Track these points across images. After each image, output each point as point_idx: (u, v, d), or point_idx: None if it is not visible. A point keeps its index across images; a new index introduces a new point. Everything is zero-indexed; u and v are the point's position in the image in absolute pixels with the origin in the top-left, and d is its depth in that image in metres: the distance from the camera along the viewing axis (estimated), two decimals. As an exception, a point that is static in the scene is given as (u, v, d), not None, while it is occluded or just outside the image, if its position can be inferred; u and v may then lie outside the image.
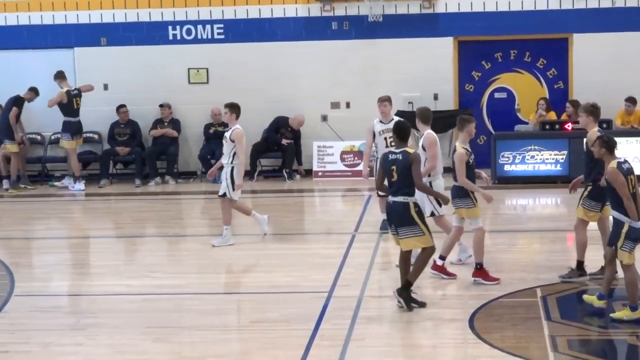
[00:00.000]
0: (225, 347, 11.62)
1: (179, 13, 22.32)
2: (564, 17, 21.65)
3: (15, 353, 11.82)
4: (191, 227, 18.69)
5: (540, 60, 22.24)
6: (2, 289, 14.33)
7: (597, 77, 21.55)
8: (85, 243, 16.45)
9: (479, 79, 22.41)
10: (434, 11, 21.90)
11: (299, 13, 22.15)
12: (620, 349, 11.35)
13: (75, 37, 22.53)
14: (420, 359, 11.13)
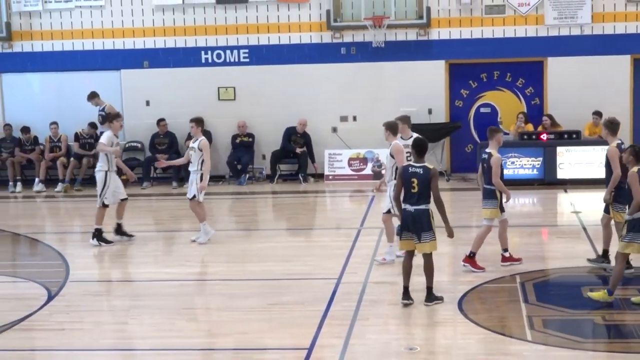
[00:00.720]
0: (248, 326, 11.67)
1: (210, 40, 22.36)
2: (540, 43, 21.65)
3: (70, 330, 11.90)
4: (220, 223, 18.69)
5: (520, 80, 22.23)
6: (59, 276, 14.38)
7: (568, 94, 21.55)
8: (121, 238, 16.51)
9: (467, 96, 22.40)
10: (429, 38, 21.90)
11: (312, 40, 22.17)
12: (586, 328, 11.38)
13: (121, 60, 22.58)
14: (416, 335, 11.16)
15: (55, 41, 22.75)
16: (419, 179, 11.61)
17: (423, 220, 11.62)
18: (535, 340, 10.88)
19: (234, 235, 17.57)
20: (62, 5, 22.57)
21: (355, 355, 10.51)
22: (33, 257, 16.41)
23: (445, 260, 14.68)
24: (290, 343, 10.98)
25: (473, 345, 10.80)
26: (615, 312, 11.88)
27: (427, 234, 11.68)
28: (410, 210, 11.71)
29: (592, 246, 15.16)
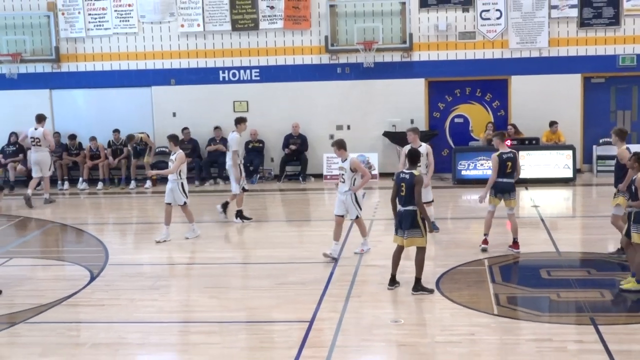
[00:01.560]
0: (259, 302, 11.69)
1: (226, 61, 22.33)
2: (504, 64, 21.62)
3: (109, 306, 11.93)
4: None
5: (488, 94, 22.22)
6: (100, 260, 14.40)
7: (528, 106, 21.54)
8: (157, 227, 16.52)
9: (443, 108, 22.38)
10: (411, 60, 21.88)
11: (313, 61, 22.15)
12: (544, 303, 11.39)
13: (152, 78, 22.55)
14: (400, 310, 11.16)
15: (96, 62, 22.74)
16: (406, 184, 11.60)
17: (409, 220, 11.57)
18: (500, 314, 10.91)
19: (246, 226, 17.58)
20: (102, 32, 22.57)
21: (349, 327, 10.52)
22: (78, 244, 16.42)
23: (427, 246, 14.69)
24: (294, 317, 10.99)
25: (448, 318, 10.83)
26: (568, 290, 11.89)
27: (413, 231, 11.59)
28: (401, 211, 11.71)
29: (548, 235, 15.18)
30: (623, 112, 21.94)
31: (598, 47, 21.43)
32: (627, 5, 21.15)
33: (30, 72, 22.92)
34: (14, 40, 22.83)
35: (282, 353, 9.70)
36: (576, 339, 9.89)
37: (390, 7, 21.81)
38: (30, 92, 22.87)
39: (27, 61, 22.80)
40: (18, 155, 22.53)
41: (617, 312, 11.03)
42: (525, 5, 21.41)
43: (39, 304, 11.94)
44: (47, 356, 9.95)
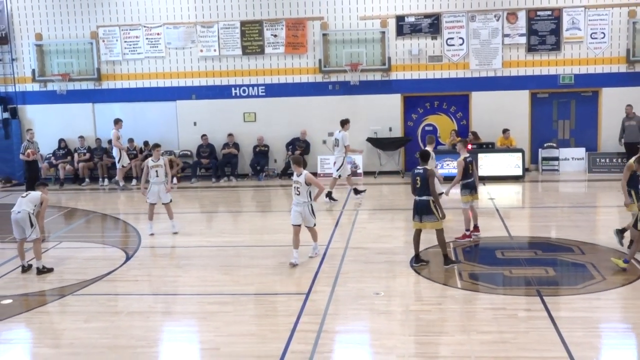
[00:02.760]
0: (265, 278, 11.70)
1: (238, 80, 22.25)
2: (466, 82, 21.60)
3: (141, 281, 11.95)
4: (245, 206, 18.69)
5: (452, 107, 22.22)
6: (134, 243, 14.40)
7: (485, 117, 21.54)
8: (182, 216, 16.49)
9: (416, 118, 22.38)
10: (389, 79, 21.86)
11: (309, 80, 22.11)
12: (498, 278, 11.40)
13: (176, 94, 22.49)
14: (381, 284, 11.14)
15: (131, 81, 22.68)
16: (421, 177, 11.75)
17: (425, 207, 11.74)
18: (463, 288, 10.93)
19: (254, 215, 17.56)
20: (135, 56, 22.51)
21: (339, 298, 10.52)
22: (116, 230, 16.40)
23: (402, 232, 14.68)
24: (294, 289, 11.01)
25: (420, 291, 10.86)
26: (518, 268, 11.90)
27: (429, 217, 11.77)
28: (417, 200, 11.86)
29: (502, 222, 15.19)
30: (563, 121, 21.96)
31: (542, 68, 21.44)
32: (566, 34, 21.17)
33: (76, 89, 22.85)
34: (64, 63, 22.80)
35: (283, 320, 9.71)
36: (525, 308, 9.91)
37: (372, 36, 21.77)
38: (77, 105, 22.83)
39: (74, 80, 22.75)
40: (67, 158, 22.48)
41: (559, 286, 11.04)
42: (482, 34, 21.40)
43: (84, 279, 11.95)
44: (90, 322, 9.95)
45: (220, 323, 9.73)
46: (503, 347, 8.54)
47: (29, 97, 23.05)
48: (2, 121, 22.87)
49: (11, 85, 23.00)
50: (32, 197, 12.69)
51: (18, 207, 12.52)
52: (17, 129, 22.86)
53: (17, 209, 12.50)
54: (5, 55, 22.90)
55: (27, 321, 10.23)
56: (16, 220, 12.46)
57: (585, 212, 16.39)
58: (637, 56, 21.03)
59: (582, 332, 8.95)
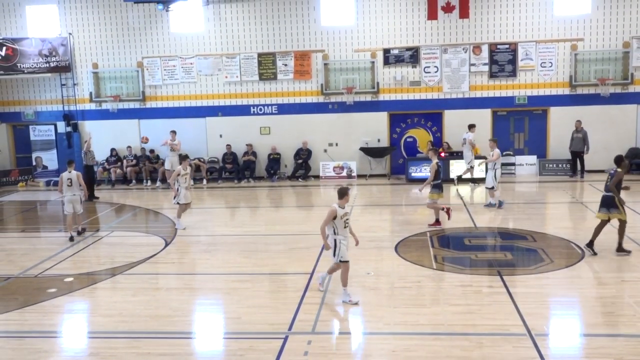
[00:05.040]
0: (278, 261, 11.69)
1: (255, 100, 22.22)
2: (440, 102, 21.56)
3: (178, 263, 11.94)
4: (261, 202, 18.66)
5: (429, 122, 22.17)
6: (171, 233, 14.39)
7: (456, 131, 21.46)
8: (211, 210, 16.50)
9: (399, 131, 22.30)
10: (378, 99, 21.82)
11: (313, 101, 22.03)
12: (466, 261, 11.38)
13: (206, 112, 22.45)
14: (370, 265, 11.13)
15: (169, 101, 22.66)
16: (610, 176, 11.21)
17: (611, 202, 11.00)
18: (438, 269, 10.91)
19: (269, 209, 17.54)
20: (173, 81, 22.47)
21: (338, 277, 10.48)
22: (157, 222, 16.35)
23: (388, 223, 14.66)
24: (301, 270, 10.99)
25: (403, 271, 10.82)
26: (483, 252, 11.88)
27: (615, 210, 11.00)
28: (604, 195, 11.17)
29: (469, 215, 15.16)
30: (519, 134, 21.88)
31: (502, 91, 21.38)
32: (521, 64, 21.12)
33: (125, 108, 22.83)
34: (115, 87, 22.78)
35: (292, 294, 9.69)
36: (488, 285, 9.89)
37: (364, 65, 21.73)
38: (125, 121, 22.79)
39: (124, 100, 22.72)
40: (117, 163, 22.47)
41: (515, 267, 11.02)
42: (453, 64, 21.36)
43: (131, 261, 11.94)
44: (136, 296, 9.94)
45: (241, 297, 9.72)
46: (470, 316, 8.52)
47: (87, 115, 23.03)
48: (66, 134, 22.88)
49: (73, 105, 23.01)
50: (75, 182, 14.19)
51: (71, 191, 14.06)
52: (77, 140, 22.86)
53: (72, 192, 14.07)
54: (69, 81, 22.91)
55: (85, 295, 10.23)
56: (72, 201, 14.05)
57: (536, 207, 16.37)
58: (578, 81, 20.98)
59: (534, 305, 8.93)
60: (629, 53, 20.62)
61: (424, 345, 7.70)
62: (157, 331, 8.50)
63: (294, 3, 21.68)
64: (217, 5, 21.97)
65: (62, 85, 22.88)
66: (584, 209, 15.62)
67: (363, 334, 8.30)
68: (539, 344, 7.60)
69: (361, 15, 21.51)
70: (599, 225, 11.39)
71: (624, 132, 20.97)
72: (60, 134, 23.00)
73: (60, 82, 22.88)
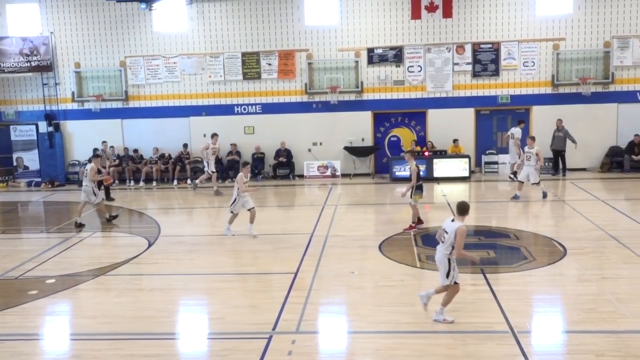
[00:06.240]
0: (262, 260, 11.65)
1: (239, 100, 22.13)
2: (424, 101, 21.62)
3: (161, 264, 11.86)
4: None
5: (412, 121, 22.23)
6: (155, 233, 14.31)
7: (439, 129, 21.61)
8: (195, 210, 16.42)
9: (384, 130, 22.36)
10: (362, 99, 21.85)
11: (297, 100, 22.02)
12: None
13: (190, 112, 22.33)
14: (355, 265, 11.15)
15: (152, 101, 22.51)
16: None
17: None
18: (421, 267, 10.95)
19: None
20: (156, 81, 22.35)
21: (322, 275, 10.51)
22: (140, 222, 16.24)
23: (372, 223, 14.70)
24: (285, 269, 10.97)
25: (387, 270, 10.84)
26: (466, 250, 11.92)
27: None
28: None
29: (453, 214, 15.18)
30: (502, 133, 22.01)
31: (485, 90, 21.51)
32: (504, 63, 21.26)
33: (108, 108, 22.65)
34: (98, 86, 22.61)
35: (277, 294, 9.68)
36: (471, 283, 9.94)
37: (348, 64, 21.75)
38: (108, 121, 22.61)
39: (106, 100, 22.54)
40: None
41: (498, 265, 11.09)
42: (436, 63, 21.46)
43: (114, 262, 11.86)
44: (120, 297, 9.88)
45: (225, 297, 9.69)
46: (454, 314, 8.55)
47: (69, 114, 22.84)
48: (48, 134, 22.67)
49: (55, 105, 22.80)
50: (88, 174, 15.03)
51: (85, 181, 15.22)
52: (59, 140, 22.66)
53: (85, 183, 15.21)
54: (50, 80, 22.70)
55: (68, 297, 10.14)
56: (84, 190, 15.19)
57: (519, 206, 16.47)
58: (560, 81, 21.16)
59: (517, 302, 9.00)
60: (609, 53, 20.83)
61: (407, 344, 7.73)
62: (140, 332, 8.45)
63: (277, 2, 21.64)
64: (201, 4, 21.88)
65: (44, 84, 22.67)
66: (566, 207, 15.75)
67: (347, 333, 8.31)
68: (522, 342, 7.65)
69: (345, 14, 21.53)
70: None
71: (605, 131, 21.20)
72: (41, 134, 22.78)
73: (42, 81, 22.67)
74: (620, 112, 21.22)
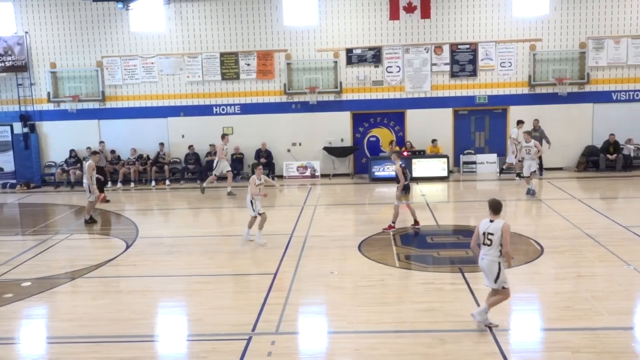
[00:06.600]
0: (241, 261, 11.60)
1: (218, 100, 22.02)
2: (402, 102, 21.70)
3: (140, 265, 11.76)
4: (225, 203, 18.46)
5: (391, 121, 22.31)
6: (133, 234, 14.19)
7: (418, 129, 21.69)
8: (173, 212, 16.29)
9: (363, 131, 22.40)
10: (341, 99, 21.88)
11: (276, 100, 21.98)
12: (429, 259, 11.49)
13: (168, 112, 22.14)
14: (334, 264, 11.15)
15: (130, 101, 22.31)
16: None
17: None
18: (401, 267, 11.00)
19: (232, 210, 17.41)
20: (134, 81, 22.16)
21: (301, 277, 10.50)
22: (118, 224, 16.10)
23: (352, 222, 14.72)
24: (264, 270, 10.95)
25: (366, 270, 10.87)
26: (444, 250, 12.00)
27: None
28: None
29: (431, 213, 15.32)
30: (480, 133, 22.20)
31: (463, 90, 21.66)
32: (481, 63, 21.42)
33: (85, 108, 22.39)
34: (74, 87, 22.34)
35: (256, 295, 9.66)
36: (450, 282, 10.00)
37: (327, 64, 21.77)
38: (85, 121, 22.35)
39: (83, 101, 22.27)
40: (76, 165, 22.04)
41: (476, 264, 11.14)
42: (415, 63, 21.56)
43: (91, 264, 11.74)
44: (96, 300, 9.79)
45: (204, 299, 9.64)
46: (432, 313, 8.61)
47: (45, 115, 22.55)
48: (23, 135, 22.36)
49: (30, 105, 22.48)
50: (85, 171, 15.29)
51: (84, 179, 15.47)
52: (35, 141, 22.36)
53: (85, 180, 15.49)
54: (25, 81, 22.38)
55: (44, 300, 10.01)
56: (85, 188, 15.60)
57: (497, 205, 16.61)
58: (536, 81, 21.39)
59: (494, 301, 9.05)
60: (585, 53, 21.11)
61: (387, 343, 7.76)
62: (118, 335, 8.38)
63: (256, 2, 21.59)
64: (179, 4, 21.75)
65: (19, 85, 22.35)
66: (542, 206, 15.93)
67: (327, 333, 8.32)
68: (500, 340, 7.72)
69: (324, 15, 21.55)
70: None
71: (580, 131, 21.47)
72: (16, 135, 22.46)
73: (17, 81, 22.34)
74: (595, 112, 21.51)
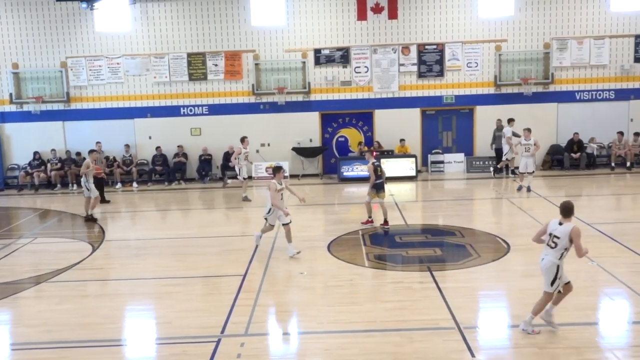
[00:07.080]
0: (210, 263, 11.50)
1: (185, 101, 21.89)
2: (370, 102, 21.83)
3: (107, 269, 11.63)
4: (193, 205, 18.31)
5: (360, 122, 22.42)
6: (99, 238, 14.00)
7: (386, 129, 21.84)
8: (141, 214, 16.10)
9: (332, 131, 22.46)
10: (309, 100, 21.91)
11: (244, 101, 21.91)
12: (398, 258, 11.56)
13: (135, 113, 21.92)
14: (304, 265, 11.15)
15: (95, 102, 22.01)
16: None
17: None
18: (370, 266, 11.04)
19: (201, 211, 17.30)
20: (99, 82, 21.86)
21: (271, 278, 10.48)
22: (83, 227, 15.84)
23: (322, 223, 14.73)
24: (234, 272, 10.90)
25: (335, 270, 10.89)
26: (413, 249, 12.08)
27: None
28: None
29: (400, 213, 15.42)
30: (447, 132, 22.45)
31: (430, 91, 21.87)
32: (448, 64, 21.66)
33: (49, 110, 22.03)
34: (37, 88, 21.95)
35: (225, 297, 9.60)
36: (419, 281, 10.08)
37: (295, 65, 21.77)
38: (49, 123, 22.00)
39: (47, 102, 21.91)
40: (41, 167, 21.67)
41: (444, 262, 11.28)
42: (383, 64, 21.70)
43: (56, 268, 11.55)
44: (62, 304, 9.62)
45: (173, 301, 9.56)
46: (401, 312, 8.67)
47: (7, 117, 22.11)
48: (-16, 137, 21.92)
49: (-9, 107, 22.06)
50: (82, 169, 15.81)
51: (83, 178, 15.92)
52: (-3, 143, 21.95)
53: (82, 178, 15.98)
54: (-14, 82, 21.96)
55: (7, 305, 9.82)
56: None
57: (464, 204, 16.82)
58: (502, 81, 21.71)
59: (463, 299, 9.16)
60: (549, 54, 21.49)
61: (357, 343, 7.79)
62: (85, 340, 8.25)
63: (223, 2, 21.49)
64: (145, 4, 21.52)
65: (-20, 86, 21.91)
66: (509, 205, 16.16)
67: (297, 334, 8.32)
68: (467, 337, 7.81)
69: (292, 15, 21.54)
70: None
71: (545, 130, 21.85)
72: (-22, 137, 22.01)
73: (-22, 82, 21.90)
74: (560, 111, 21.92)
